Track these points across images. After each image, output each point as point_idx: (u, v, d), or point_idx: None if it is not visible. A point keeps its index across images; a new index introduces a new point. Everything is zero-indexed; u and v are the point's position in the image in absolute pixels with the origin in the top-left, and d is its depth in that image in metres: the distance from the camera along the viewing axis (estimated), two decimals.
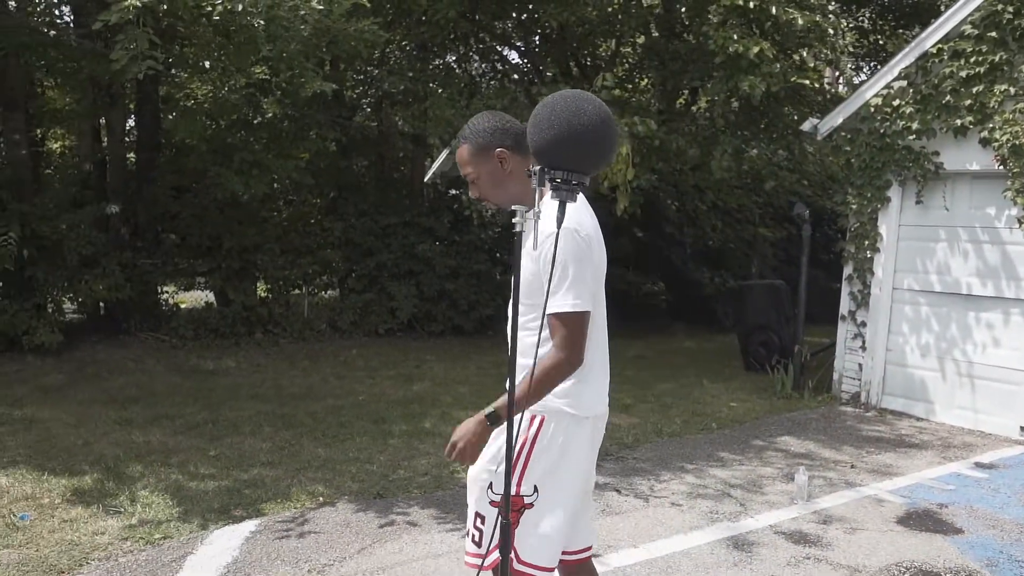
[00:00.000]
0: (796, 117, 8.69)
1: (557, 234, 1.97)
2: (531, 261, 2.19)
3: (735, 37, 7.02)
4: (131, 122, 10.04)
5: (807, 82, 7.64)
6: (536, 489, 2.26)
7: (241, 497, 4.53)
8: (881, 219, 7.43)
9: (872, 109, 7.23)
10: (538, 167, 1.92)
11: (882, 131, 7.22)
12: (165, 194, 9.09)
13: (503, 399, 2.20)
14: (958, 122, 6.72)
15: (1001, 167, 6.50)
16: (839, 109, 7.57)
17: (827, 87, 11.37)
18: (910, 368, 7.39)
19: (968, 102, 6.63)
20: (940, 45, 6.75)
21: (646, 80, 10.52)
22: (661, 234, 12.64)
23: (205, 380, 7.70)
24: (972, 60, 6.55)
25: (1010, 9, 6.31)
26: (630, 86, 10.94)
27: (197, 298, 11.26)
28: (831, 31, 7.51)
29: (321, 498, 4.57)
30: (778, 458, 5.83)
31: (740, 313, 9.90)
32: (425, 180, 11.12)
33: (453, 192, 11.49)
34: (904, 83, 7.02)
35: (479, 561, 2.33)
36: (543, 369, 2.13)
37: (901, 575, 3.84)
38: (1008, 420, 6.70)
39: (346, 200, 10.54)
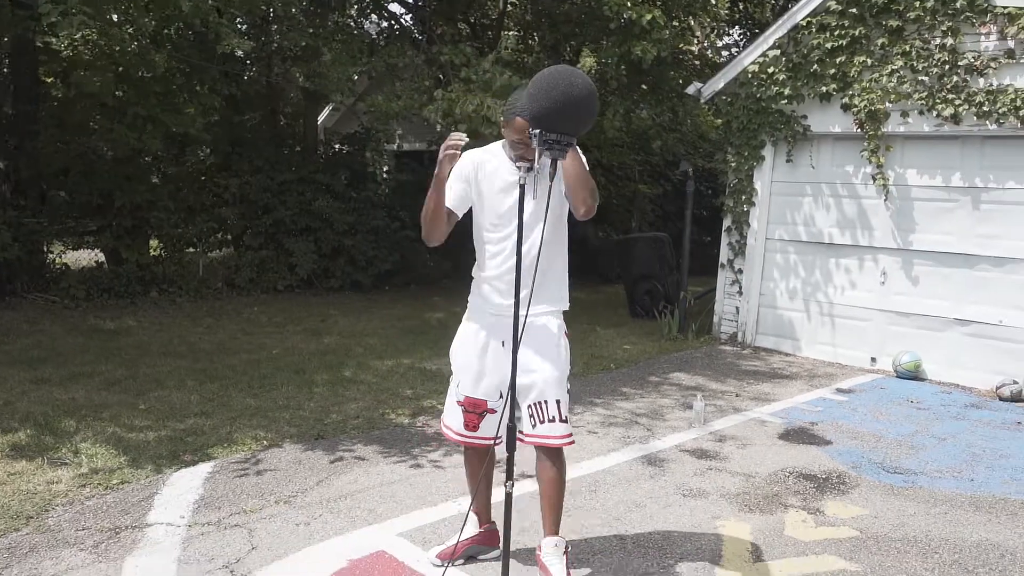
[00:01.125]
0: (681, 81, 9.33)
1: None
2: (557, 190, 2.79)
3: (629, 4, 7.50)
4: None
5: (693, 48, 8.26)
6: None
7: (185, 444, 4.69)
8: (756, 176, 8.21)
9: (750, 75, 7.94)
10: (538, 130, 2.29)
11: (758, 96, 7.95)
12: (49, 150, 8.72)
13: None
14: (823, 89, 7.52)
15: (859, 130, 7.36)
16: (721, 74, 8.25)
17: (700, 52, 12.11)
18: (780, 310, 8.27)
19: (832, 71, 7.43)
20: (809, 18, 7.50)
21: (537, 42, 10.88)
22: None
23: (109, 339, 7.59)
24: (836, 33, 7.33)
25: None
26: (522, 47, 11.28)
27: (80, 258, 10.86)
28: (713, 0, 8.14)
29: (265, 441, 4.81)
30: (673, 391, 6.50)
31: (626, 264, 10.58)
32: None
33: (346, 149, 11.53)
34: (778, 52, 7.76)
35: (571, 437, 3.02)
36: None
37: (786, 478, 4.54)
38: (861, 352, 7.68)
39: (240, 156, 10.40)
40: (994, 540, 3.80)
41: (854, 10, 7.23)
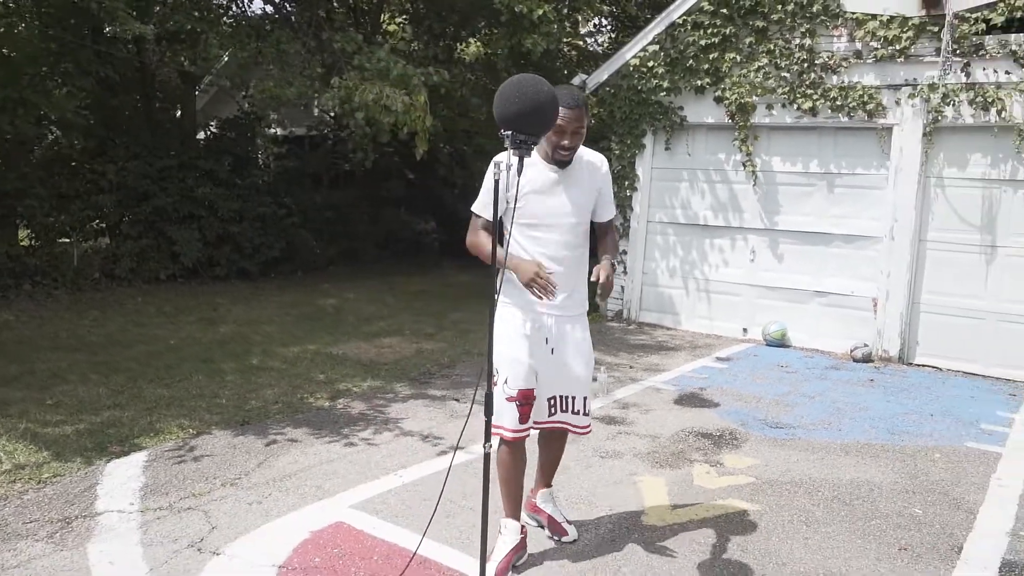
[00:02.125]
0: (567, 72, 9.77)
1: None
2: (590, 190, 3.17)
3: None
4: None
5: (581, 43, 8.69)
6: None
7: (108, 436, 4.66)
8: (638, 163, 8.79)
9: (631, 68, 8.48)
10: (509, 132, 2.57)
11: (639, 87, 8.50)
12: None
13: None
14: (698, 82, 8.15)
15: (730, 121, 8.05)
16: (604, 67, 8.75)
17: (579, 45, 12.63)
18: (661, 287, 8.91)
19: (706, 66, 8.07)
20: (685, 17, 8.10)
21: (421, 29, 11.01)
22: (434, 175, 13.37)
23: None
24: (709, 31, 7.96)
25: None
26: (407, 34, 11.38)
27: None
28: None
29: (192, 429, 4.84)
30: None
31: None
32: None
33: (230, 134, 11.28)
34: (657, 47, 8.32)
35: (591, 428, 3.38)
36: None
37: (687, 437, 5.06)
38: (734, 324, 8.43)
39: (115, 142, 9.98)
40: (863, 478, 4.45)
41: (724, 10, 7.88)
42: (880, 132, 7.36)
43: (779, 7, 7.60)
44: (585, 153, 3.18)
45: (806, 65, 7.56)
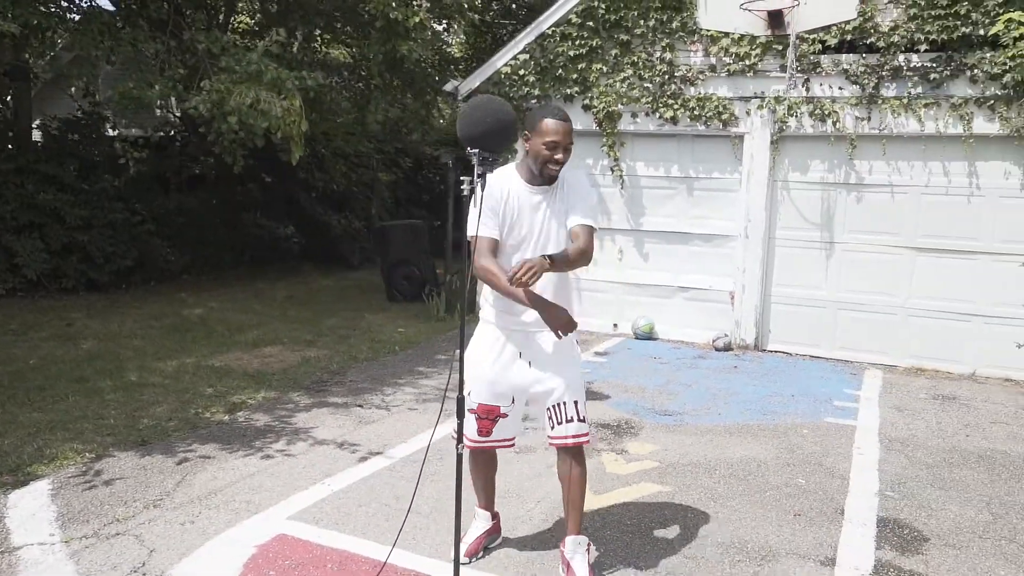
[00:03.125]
0: (438, 78, 9.90)
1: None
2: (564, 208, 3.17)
3: (394, 4, 7.88)
4: None
5: (456, 52, 8.85)
6: None
7: None
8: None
9: (503, 76, 8.74)
10: (475, 150, 2.72)
11: (511, 95, 8.78)
12: None
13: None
14: (567, 91, 8.54)
15: (598, 127, 8.50)
16: (476, 74, 8.96)
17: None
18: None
19: (575, 76, 8.47)
20: (554, 28, 8.46)
21: (287, 31, 10.74)
22: (293, 179, 13.06)
23: None
24: (577, 43, 8.37)
25: (602, 6, 8.21)
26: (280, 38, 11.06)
27: None
28: (466, 5, 8.79)
29: (88, 453, 4.60)
30: None
31: (383, 250, 10.97)
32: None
33: (73, 136, 10.52)
34: (527, 56, 8.63)
35: (587, 436, 3.25)
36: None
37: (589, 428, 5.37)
38: (605, 320, 8.91)
39: None
40: (750, 455, 4.93)
41: (591, 24, 8.31)
42: (733, 140, 8.05)
43: (641, 22, 8.12)
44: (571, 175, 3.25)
45: (667, 77, 8.12)
